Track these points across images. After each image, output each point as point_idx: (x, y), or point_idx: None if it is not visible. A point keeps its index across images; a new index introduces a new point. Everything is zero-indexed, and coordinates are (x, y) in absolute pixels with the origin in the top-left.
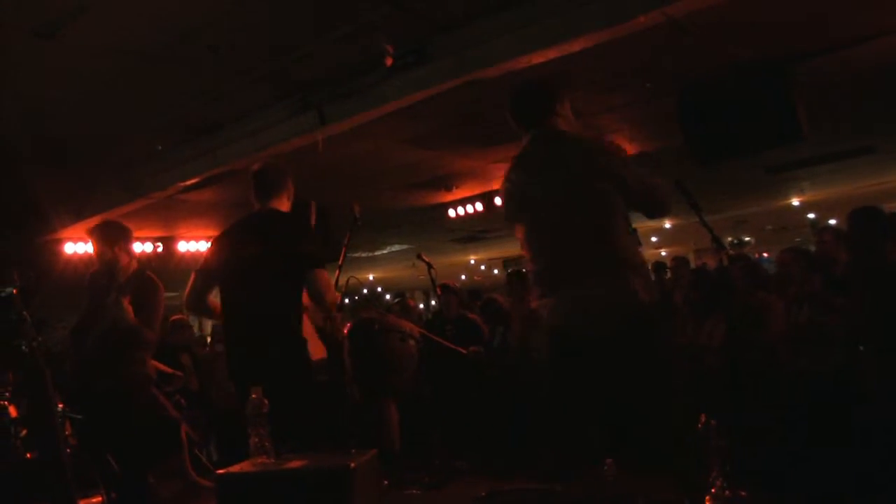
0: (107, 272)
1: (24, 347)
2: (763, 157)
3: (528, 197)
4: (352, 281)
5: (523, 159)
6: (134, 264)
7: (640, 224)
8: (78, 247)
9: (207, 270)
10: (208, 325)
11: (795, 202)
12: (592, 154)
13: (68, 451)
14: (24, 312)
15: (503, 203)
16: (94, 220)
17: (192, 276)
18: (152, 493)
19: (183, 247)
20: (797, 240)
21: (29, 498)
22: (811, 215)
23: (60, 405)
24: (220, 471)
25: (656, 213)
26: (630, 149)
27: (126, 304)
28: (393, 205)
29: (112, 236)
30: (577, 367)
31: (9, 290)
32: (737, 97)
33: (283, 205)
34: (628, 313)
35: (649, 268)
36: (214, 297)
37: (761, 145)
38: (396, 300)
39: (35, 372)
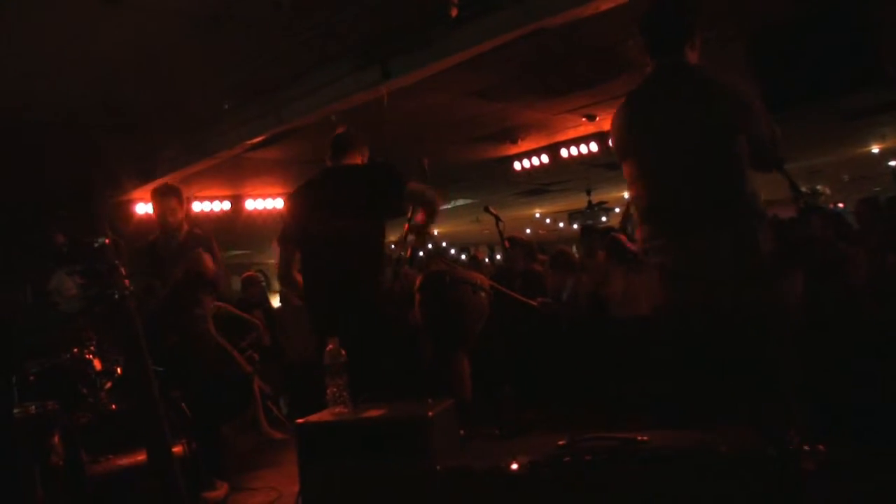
0: (169, 232)
1: (115, 296)
2: (840, 103)
3: (650, 129)
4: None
5: (649, 90)
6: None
7: None
8: (149, 207)
9: (287, 235)
10: (276, 282)
11: (875, 149)
12: (732, 95)
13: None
14: (117, 262)
15: (616, 134)
16: (164, 180)
17: (278, 249)
18: (228, 445)
19: (250, 205)
20: (876, 189)
21: (121, 447)
22: (893, 163)
23: None
24: (299, 420)
25: (766, 167)
26: None
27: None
28: (457, 159)
29: (157, 198)
30: (695, 316)
31: (101, 240)
32: (812, 39)
33: (356, 161)
34: (752, 264)
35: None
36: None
37: (839, 89)
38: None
39: (126, 321)
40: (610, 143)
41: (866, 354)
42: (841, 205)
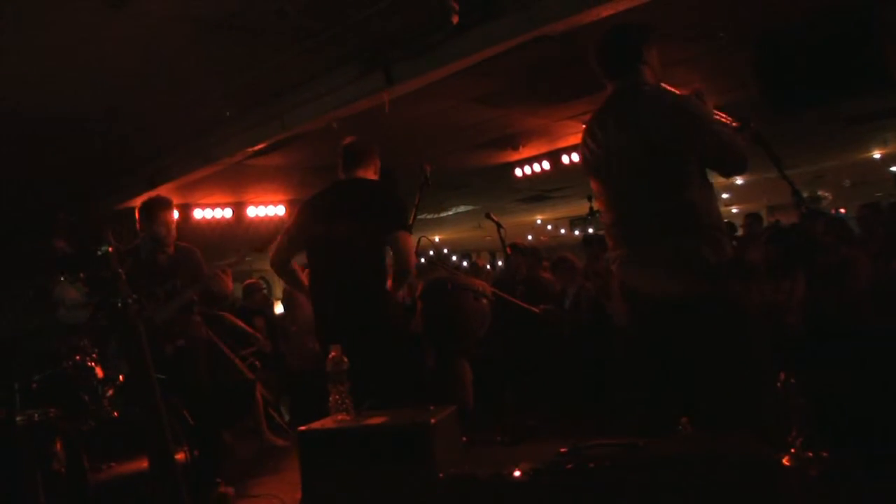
0: (158, 244)
1: (118, 304)
2: (842, 108)
3: (606, 151)
4: (423, 241)
5: (605, 111)
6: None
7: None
8: None
9: (293, 235)
10: (278, 289)
11: (877, 155)
12: (672, 111)
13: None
14: (120, 270)
15: (581, 155)
16: (167, 187)
17: (279, 237)
18: (230, 452)
19: (252, 212)
20: (878, 195)
21: (123, 454)
22: (895, 168)
23: None
24: (301, 427)
25: (731, 172)
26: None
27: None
28: (459, 165)
29: (155, 211)
30: (647, 325)
31: (105, 248)
32: (816, 43)
33: (369, 175)
34: (694, 276)
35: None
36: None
37: (843, 94)
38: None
39: (129, 328)
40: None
41: (868, 360)
42: (843, 210)
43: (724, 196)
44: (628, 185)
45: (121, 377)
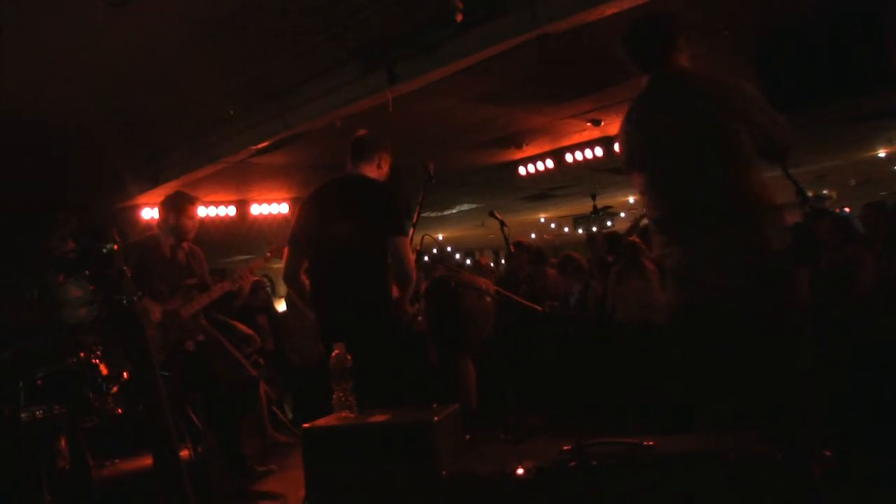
0: (176, 240)
1: (123, 301)
2: (847, 106)
3: (654, 140)
4: (426, 239)
5: (646, 101)
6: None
7: None
8: (154, 212)
9: (297, 240)
10: (281, 287)
11: (882, 153)
12: (727, 93)
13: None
14: (125, 268)
15: (622, 148)
16: (170, 186)
17: (286, 251)
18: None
19: (255, 210)
20: (882, 194)
21: (128, 451)
22: None
23: None
24: (305, 425)
25: (781, 156)
26: None
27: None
28: (463, 163)
29: (184, 204)
30: (705, 318)
31: (109, 246)
32: (820, 41)
33: (373, 171)
34: (758, 263)
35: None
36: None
37: (848, 92)
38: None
39: (134, 326)
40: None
41: (873, 359)
42: (847, 209)
43: None
44: (684, 173)
45: (125, 374)
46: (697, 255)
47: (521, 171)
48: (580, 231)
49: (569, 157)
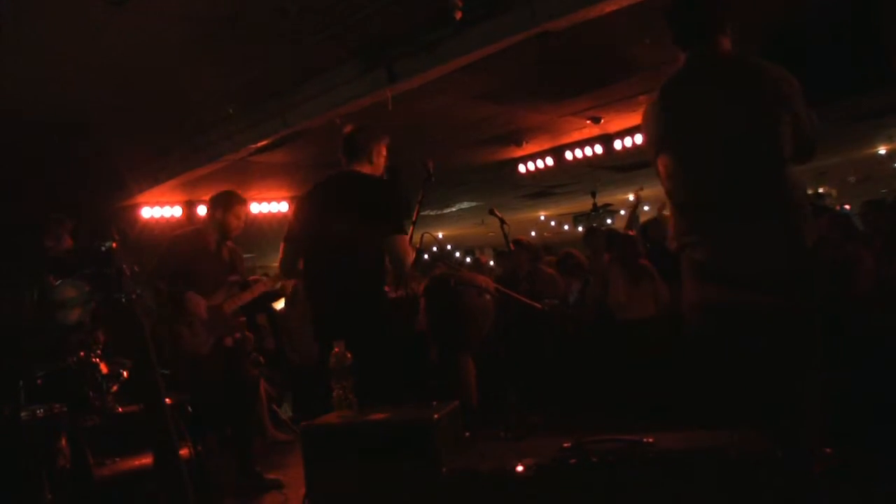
0: (222, 237)
1: (123, 300)
2: (847, 104)
3: (688, 121)
4: (426, 237)
5: (682, 81)
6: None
7: None
8: (154, 211)
9: (293, 236)
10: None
11: (882, 151)
12: (776, 79)
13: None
14: (124, 266)
15: (649, 129)
16: (170, 184)
17: (282, 246)
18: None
19: (255, 208)
20: (882, 191)
21: (128, 449)
22: None
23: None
24: (305, 423)
25: (810, 156)
26: None
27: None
28: (463, 161)
29: (233, 202)
30: (734, 315)
31: (109, 244)
32: (819, 40)
33: (366, 167)
34: (794, 259)
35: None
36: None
37: (847, 90)
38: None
39: (134, 324)
40: (640, 139)
41: (872, 357)
42: (847, 206)
43: None
44: (721, 160)
45: (124, 373)
46: (727, 249)
47: (521, 168)
48: (580, 229)
49: (569, 155)
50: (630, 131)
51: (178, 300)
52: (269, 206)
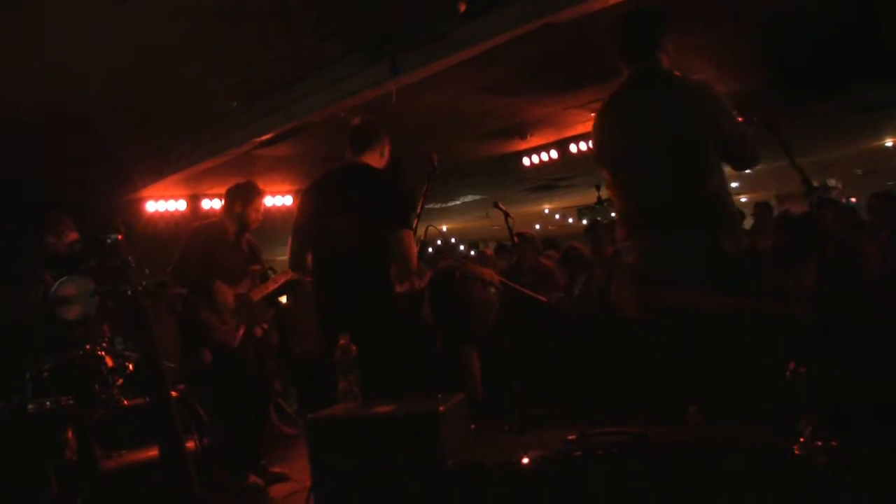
0: (241, 229)
1: (128, 291)
2: (853, 95)
3: (626, 137)
4: (430, 230)
5: (622, 97)
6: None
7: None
8: (159, 205)
9: (300, 229)
10: None
11: (888, 143)
12: (697, 98)
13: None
14: (129, 258)
15: (595, 142)
16: (174, 178)
17: (290, 241)
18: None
19: None
20: (889, 184)
21: (134, 442)
22: None
23: None
24: (311, 415)
25: (744, 165)
26: None
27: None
28: (467, 154)
29: (253, 195)
30: (661, 314)
31: (114, 236)
32: (826, 32)
33: (374, 160)
34: (709, 264)
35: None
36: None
37: (854, 81)
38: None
39: (138, 316)
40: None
41: (879, 349)
42: (853, 199)
43: (734, 185)
44: (650, 172)
45: (130, 366)
46: (656, 256)
47: (525, 161)
48: (584, 222)
49: (573, 148)
50: None
51: (204, 290)
52: (273, 199)
